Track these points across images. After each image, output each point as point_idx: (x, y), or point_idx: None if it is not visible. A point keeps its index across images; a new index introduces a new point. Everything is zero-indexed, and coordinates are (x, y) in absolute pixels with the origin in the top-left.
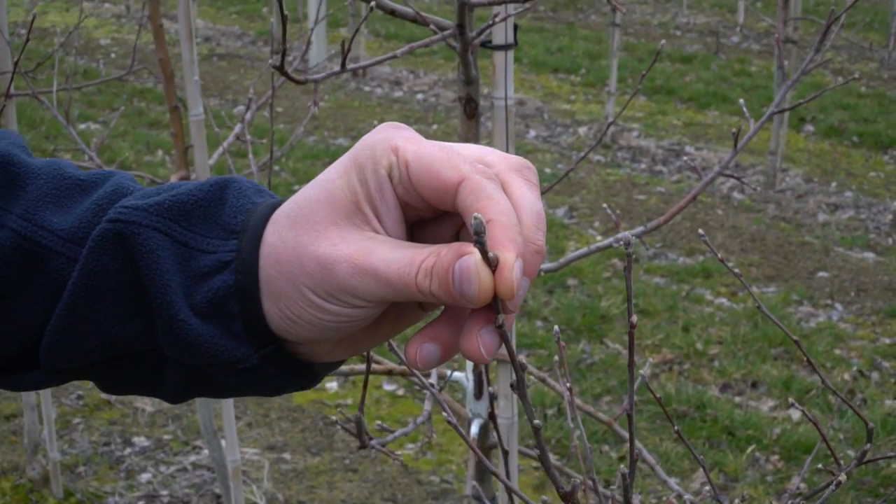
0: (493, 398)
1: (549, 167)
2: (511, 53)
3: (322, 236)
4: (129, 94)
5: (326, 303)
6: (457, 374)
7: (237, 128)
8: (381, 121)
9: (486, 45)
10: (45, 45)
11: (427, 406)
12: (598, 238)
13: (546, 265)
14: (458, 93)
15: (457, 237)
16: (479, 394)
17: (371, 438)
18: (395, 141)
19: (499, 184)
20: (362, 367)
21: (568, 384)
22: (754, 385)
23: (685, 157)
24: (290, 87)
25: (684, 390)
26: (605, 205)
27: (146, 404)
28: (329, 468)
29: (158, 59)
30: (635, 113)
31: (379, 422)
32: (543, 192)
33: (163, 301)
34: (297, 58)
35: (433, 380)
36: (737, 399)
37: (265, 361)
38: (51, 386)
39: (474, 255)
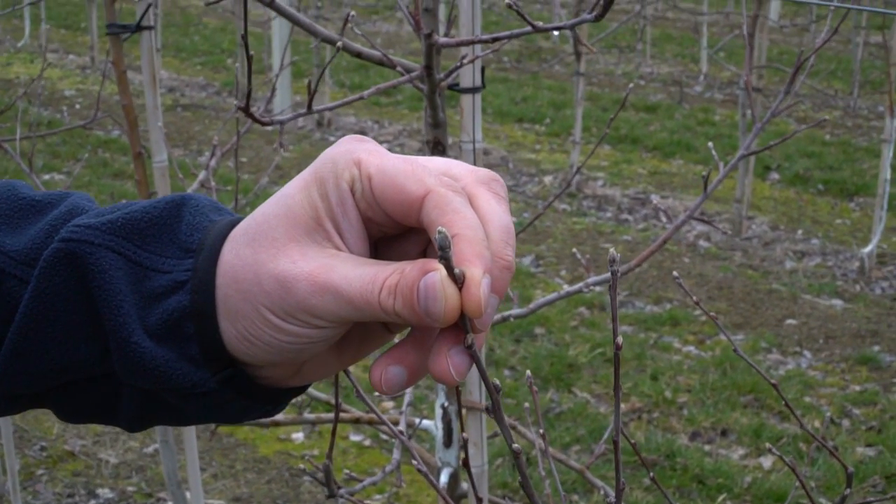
0: (464, 445)
1: (514, 216)
2: (479, 96)
3: (281, 253)
4: (94, 145)
5: (286, 323)
6: (426, 423)
7: (201, 175)
8: None
9: (454, 87)
10: (10, 95)
11: (396, 455)
12: (565, 286)
13: (515, 311)
14: (426, 136)
15: (423, 255)
16: (448, 442)
17: (340, 487)
18: (357, 154)
19: (465, 197)
20: (330, 415)
21: (542, 430)
22: (724, 433)
23: (654, 201)
24: (253, 137)
25: (654, 439)
26: (574, 250)
27: (110, 455)
28: None
29: (122, 106)
30: (600, 162)
31: (346, 471)
32: (520, 233)
33: (115, 323)
34: (261, 107)
35: (402, 427)
36: (707, 447)
37: (223, 386)
38: (9, 413)
39: (440, 271)
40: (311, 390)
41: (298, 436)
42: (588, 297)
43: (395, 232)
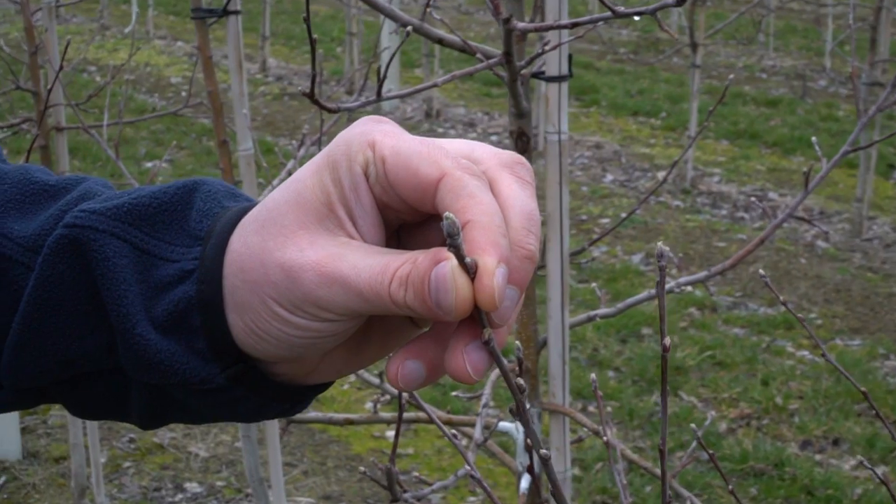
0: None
1: (625, 211)
2: (565, 85)
3: (289, 241)
4: (199, 133)
5: (293, 316)
6: (504, 425)
7: (289, 164)
8: None
9: (539, 76)
10: (116, 82)
11: (470, 457)
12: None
13: (602, 310)
14: (510, 126)
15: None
16: (528, 446)
17: (405, 491)
18: (372, 135)
19: (485, 181)
20: (409, 414)
21: (605, 437)
22: (836, 442)
23: (752, 199)
24: None
25: (762, 447)
26: (666, 247)
27: (200, 449)
28: None
29: (208, 92)
30: (717, 157)
31: (416, 474)
32: (609, 232)
33: (119, 313)
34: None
35: (477, 430)
36: (817, 457)
37: (233, 382)
38: (21, 408)
39: (451, 260)
40: (389, 387)
41: (392, 433)
42: (699, 297)
43: (416, 219)
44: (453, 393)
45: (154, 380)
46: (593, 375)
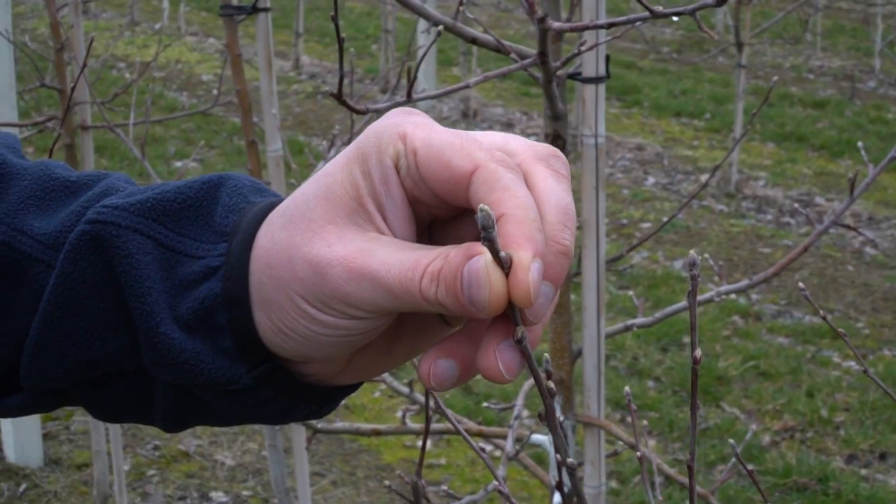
0: (559, 466)
1: (667, 216)
2: (602, 87)
3: (317, 236)
4: (229, 132)
5: (321, 313)
6: (537, 437)
7: (319, 165)
8: None
9: (576, 77)
10: (145, 79)
11: (500, 472)
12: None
13: (639, 320)
14: (545, 129)
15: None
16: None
17: None
18: (403, 127)
19: (520, 174)
20: (438, 426)
21: (639, 453)
22: (883, 457)
23: (796, 205)
24: None
25: (806, 460)
26: (706, 255)
27: (226, 457)
28: None
29: (236, 91)
30: (762, 160)
31: (444, 488)
32: (648, 238)
33: (143, 312)
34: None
35: (509, 443)
36: (863, 472)
37: (260, 382)
38: (41, 411)
39: (484, 255)
40: (418, 395)
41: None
42: (743, 305)
43: (448, 214)
44: (485, 404)
45: (179, 380)
46: (627, 388)
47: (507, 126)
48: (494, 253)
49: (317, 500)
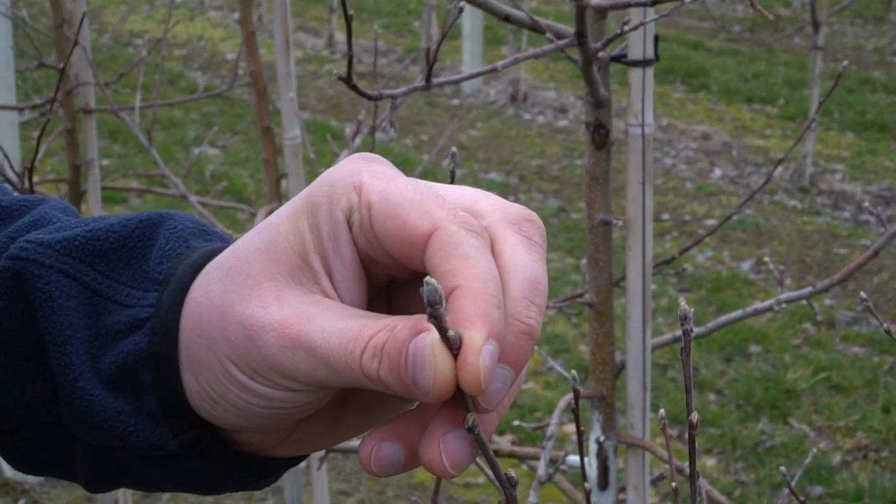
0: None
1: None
2: (650, 71)
3: (253, 294)
4: (254, 117)
5: (251, 381)
6: (573, 459)
7: (342, 154)
8: (541, 153)
9: (619, 59)
10: (166, 59)
11: (532, 498)
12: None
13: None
14: (586, 118)
15: None
16: (604, 483)
17: None
18: (360, 176)
19: (485, 240)
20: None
21: (674, 484)
22: None
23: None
24: (436, 112)
25: (880, 482)
26: (767, 258)
27: None
28: None
29: (250, 72)
30: (840, 152)
31: None
32: (702, 239)
33: (62, 362)
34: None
35: (541, 465)
36: None
37: (187, 450)
38: None
39: (431, 332)
40: None
41: None
42: (811, 312)
43: (407, 277)
44: (515, 422)
45: (98, 440)
46: (662, 411)
47: (560, 111)
48: (442, 332)
49: None
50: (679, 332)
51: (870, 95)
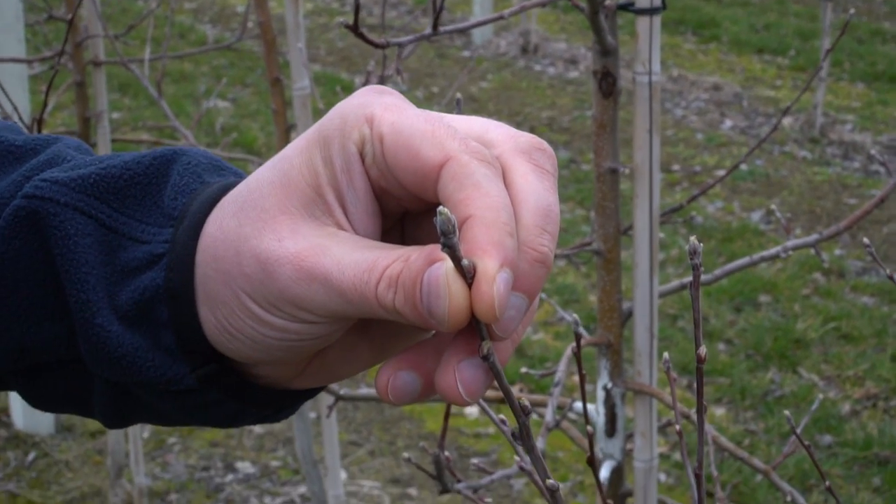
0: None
1: (745, 163)
2: (658, 19)
3: (268, 228)
4: (265, 69)
5: (268, 314)
6: (581, 406)
7: None
8: (552, 105)
9: (628, 7)
10: (176, 11)
11: (540, 444)
12: None
13: (703, 276)
14: (593, 66)
15: None
16: (611, 430)
17: (459, 481)
18: (371, 108)
19: (496, 169)
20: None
21: (678, 427)
22: None
23: (873, 151)
24: (447, 64)
25: (889, 431)
26: (773, 206)
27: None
28: None
29: (259, 23)
30: (851, 102)
31: (475, 461)
32: (709, 188)
33: (79, 300)
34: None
35: (549, 412)
36: None
37: (204, 384)
38: None
39: (445, 262)
40: None
41: (472, 410)
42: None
43: (419, 208)
44: (522, 369)
45: (116, 376)
46: (666, 354)
47: (571, 62)
48: (456, 261)
49: (352, 471)
50: (686, 280)
51: (880, 46)
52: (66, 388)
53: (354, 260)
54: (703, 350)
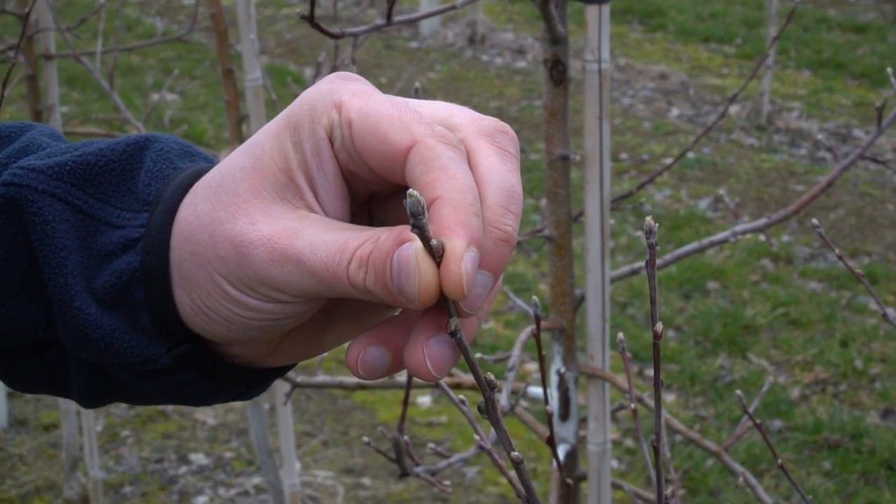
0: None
1: (692, 151)
2: (606, 8)
3: (241, 212)
4: (213, 61)
5: (243, 295)
6: (535, 390)
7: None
8: (500, 95)
9: None
10: (118, 3)
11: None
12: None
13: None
14: (544, 54)
15: None
16: (565, 414)
17: (418, 465)
18: (339, 95)
19: (461, 152)
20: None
21: (633, 405)
22: None
23: (820, 136)
24: (395, 55)
25: (839, 416)
26: (722, 190)
27: (207, 416)
28: (414, 496)
29: (210, 14)
30: (797, 90)
31: (432, 445)
32: (658, 174)
33: (57, 283)
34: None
35: (504, 396)
36: None
37: (180, 363)
38: None
39: (415, 242)
40: None
41: (425, 399)
42: (771, 248)
43: (388, 190)
44: (478, 355)
45: (94, 357)
46: (621, 335)
47: (519, 53)
48: (425, 241)
49: (306, 461)
50: (637, 265)
51: (826, 34)
52: (44, 370)
53: (326, 241)
54: (659, 326)
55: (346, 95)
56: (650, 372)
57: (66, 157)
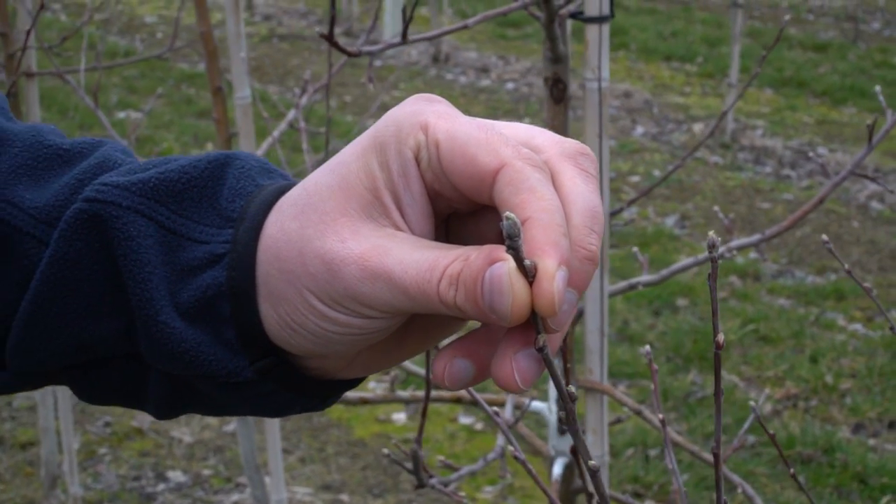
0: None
1: (657, 168)
2: (606, 27)
3: (329, 230)
4: (177, 79)
5: (332, 311)
6: (537, 405)
7: (290, 114)
8: (465, 113)
9: (577, 16)
10: (90, 23)
11: (500, 441)
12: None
13: (645, 277)
14: (545, 72)
15: (502, 237)
16: (563, 428)
17: (431, 477)
18: (425, 116)
19: (547, 174)
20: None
21: (661, 416)
22: (891, 425)
23: (811, 155)
24: (359, 73)
25: (810, 430)
26: (716, 207)
27: (184, 433)
28: None
29: (200, 33)
30: (760, 108)
31: (441, 458)
32: (643, 195)
33: (142, 298)
34: (362, 38)
35: (508, 409)
36: (871, 441)
37: (262, 376)
38: (21, 390)
39: (508, 262)
40: (407, 364)
41: (400, 416)
42: (741, 264)
43: (468, 209)
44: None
45: (177, 370)
46: (647, 347)
47: (482, 71)
48: (519, 261)
49: (284, 478)
50: (633, 281)
51: (787, 52)
52: (120, 383)
53: (416, 259)
54: (721, 337)
55: (433, 117)
56: (623, 388)
57: (149, 174)
